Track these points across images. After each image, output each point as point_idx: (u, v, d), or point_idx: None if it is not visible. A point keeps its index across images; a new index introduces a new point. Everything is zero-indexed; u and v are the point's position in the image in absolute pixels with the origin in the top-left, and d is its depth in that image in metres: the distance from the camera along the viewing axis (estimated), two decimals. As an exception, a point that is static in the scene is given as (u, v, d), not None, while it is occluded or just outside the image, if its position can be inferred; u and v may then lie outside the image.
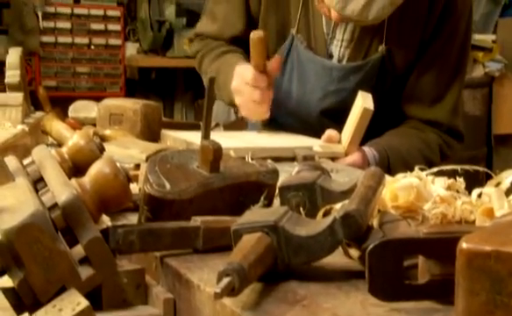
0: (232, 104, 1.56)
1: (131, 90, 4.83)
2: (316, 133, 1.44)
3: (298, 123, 1.57)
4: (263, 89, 1.44)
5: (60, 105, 1.60)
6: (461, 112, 1.58)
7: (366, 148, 1.43)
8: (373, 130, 1.42)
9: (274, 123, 1.59)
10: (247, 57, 1.57)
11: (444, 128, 1.55)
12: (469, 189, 0.84)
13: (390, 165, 1.44)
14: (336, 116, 1.48)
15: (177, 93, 5.07)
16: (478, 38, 4.11)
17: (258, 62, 1.43)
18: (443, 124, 1.54)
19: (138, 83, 4.92)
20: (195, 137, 1.34)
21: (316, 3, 1.45)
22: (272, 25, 1.55)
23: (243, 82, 1.46)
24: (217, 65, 1.59)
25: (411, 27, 1.48)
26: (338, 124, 1.42)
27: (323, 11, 1.44)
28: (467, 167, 0.86)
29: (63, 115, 1.55)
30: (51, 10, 4.54)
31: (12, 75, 1.30)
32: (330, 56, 1.54)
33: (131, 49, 4.86)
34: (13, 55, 1.33)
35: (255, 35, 1.41)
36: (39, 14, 4.46)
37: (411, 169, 0.88)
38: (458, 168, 0.86)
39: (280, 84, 1.56)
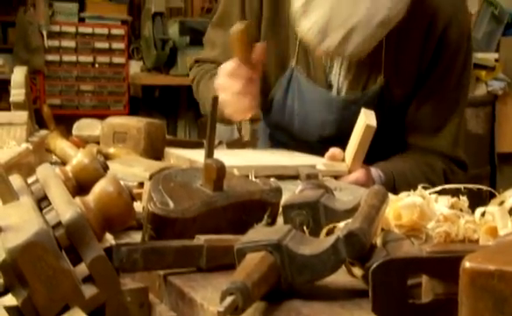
0: (225, 120, 1.53)
1: (134, 108, 4.86)
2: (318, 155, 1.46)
3: (301, 147, 1.58)
4: (245, 79, 1.41)
5: (64, 123, 1.60)
6: (463, 143, 1.57)
7: (371, 168, 1.43)
8: (374, 158, 1.42)
9: (279, 144, 1.60)
10: None
11: (447, 158, 1.55)
12: (472, 207, 0.84)
13: (396, 186, 1.44)
14: (336, 141, 1.48)
15: (180, 111, 5.09)
16: (480, 56, 4.13)
17: (240, 55, 1.40)
18: (445, 155, 1.54)
19: (141, 101, 4.94)
20: (198, 155, 1.34)
21: None
22: (271, 56, 1.55)
23: (225, 75, 1.44)
24: (211, 84, 1.58)
25: (408, 60, 1.48)
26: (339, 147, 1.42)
27: None
28: (470, 186, 0.86)
29: (67, 133, 1.55)
30: (56, 28, 4.58)
31: (17, 94, 1.30)
32: (330, 85, 1.54)
33: (135, 67, 4.89)
34: (18, 74, 1.34)
35: (235, 28, 1.38)
36: (44, 33, 4.49)
37: (414, 190, 0.88)
38: (462, 186, 0.86)
39: (283, 109, 1.57)
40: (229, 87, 1.42)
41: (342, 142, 1.43)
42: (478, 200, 0.90)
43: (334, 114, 1.54)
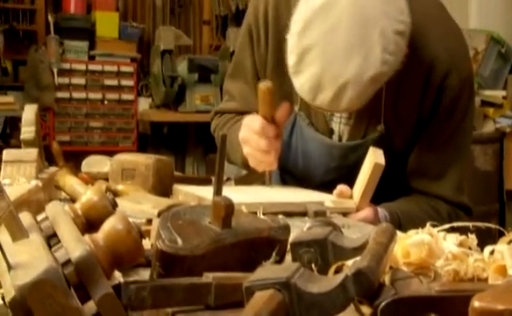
0: (245, 165, 1.56)
1: (143, 145, 4.88)
2: None
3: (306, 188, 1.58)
4: (270, 138, 1.44)
5: (73, 160, 1.61)
6: (466, 189, 1.56)
7: (377, 207, 1.43)
8: (378, 201, 1.42)
9: (287, 185, 1.62)
10: None
11: (451, 203, 1.54)
12: (481, 245, 0.84)
13: (401, 227, 1.43)
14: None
15: (189, 147, 5.11)
16: (488, 94, 4.15)
17: (266, 112, 1.44)
18: (449, 200, 1.53)
19: (150, 138, 4.97)
20: (206, 192, 1.34)
21: None
22: (278, 97, 1.57)
23: (250, 131, 1.47)
24: (230, 132, 1.61)
25: (407, 108, 1.48)
26: None
27: None
28: (479, 224, 0.86)
29: (76, 169, 1.56)
30: (66, 66, 4.64)
31: (28, 132, 1.32)
32: (332, 132, 1.56)
33: (144, 104, 4.92)
34: (29, 112, 1.35)
35: (263, 85, 1.42)
36: (55, 71, 4.55)
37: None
38: (470, 224, 0.86)
39: (288, 151, 1.59)
40: (254, 143, 1.46)
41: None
42: (487, 238, 0.89)
43: (335, 161, 1.55)
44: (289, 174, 1.63)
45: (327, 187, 1.51)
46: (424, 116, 1.49)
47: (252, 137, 1.47)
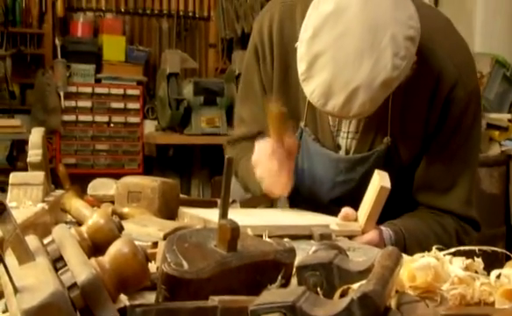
0: (262, 191, 1.54)
1: (148, 167, 4.89)
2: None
3: (311, 208, 1.58)
4: (281, 160, 1.44)
5: (79, 182, 1.62)
6: (475, 202, 1.55)
7: (382, 227, 1.42)
8: (385, 217, 1.41)
9: (292, 205, 1.61)
10: None
11: (459, 217, 1.53)
12: (488, 269, 0.84)
13: (406, 246, 1.42)
14: (345, 203, 1.47)
15: (194, 169, 5.12)
16: (493, 116, 4.14)
17: (276, 135, 1.44)
18: (457, 214, 1.52)
19: (155, 160, 4.98)
20: (212, 215, 1.34)
21: None
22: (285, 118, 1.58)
23: (261, 154, 1.48)
24: (249, 164, 1.58)
25: (414, 120, 1.49)
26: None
27: None
28: (485, 247, 0.85)
29: (82, 192, 1.57)
30: (73, 89, 4.67)
31: (34, 155, 1.32)
32: (339, 147, 1.56)
33: (150, 127, 4.94)
34: (36, 135, 1.36)
35: (273, 109, 1.43)
36: (61, 94, 4.58)
37: (427, 251, 0.87)
38: (476, 248, 0.86)
39: (293, 172, 1.57)
40: (265, 165, 1.47)
41: (351, 204, 1.43)
42: (493, 261, 0.89)
43: (342, 175, 1.54)
44: (295, 191, 1.62)
45: (334, 204, 1.50)
46: (431, 129, 1.48)
47: (263, 159, 1.47)
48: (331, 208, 1.51)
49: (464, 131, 1.49)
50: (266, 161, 1.46)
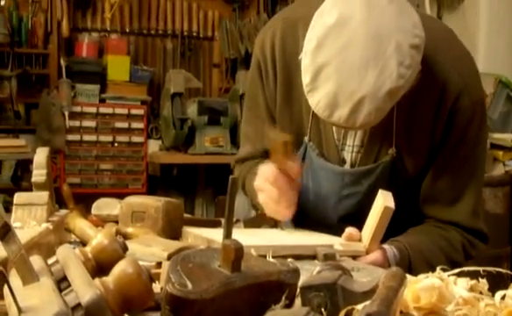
0: (267, 219, 1.59)
1: (152, 186, 4.89)
2: (336, 236, 1.45)
3: (317, 227, 1.57)
4: (282, 188, 1.44)
5: (83, 202, 1.62)
6: (482, 214, 1.54)
7: (386, 246, 1.42)
8: (390, 230, 1.41)
9: (297, 226, 1.60)
10: None
11: (466, 230, 1.52)
12: (492, 290, 0.83)
13: (411, 264, 1.42)
14: (352, 219, 1.47)
15: (198, 189, 5.11)
16: (497, 136, 4.14)
17: (278, 163, 1.44)
18: (464, 226, 1.51)
19: (159, 179, 4.98)
20: (216, 234, 1.34)
21: None
22: (288, 130, 1.56)
23: (264, 180, 1.48)
24: (250, 177, 1.60)
25: (419, 131, 1.48)
26: (356, 225, 1.41)
27: None
28: (490, 268, 0.85)
29: (86, 211, 1.57)
30: (77, 109, 4.69)
31: (39, 175, 1.32)
32: (344, 161, 1.55)
33: (154, 146, 4.95)
34: (40, 155, 1.37)
35: (276, 136, 1.43)
36: (66, 114, 4.60)
37: (433, 268, 0.87)
38: (481, 269, 0.85)
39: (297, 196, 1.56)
40: (267, 191, 1.48)
41: (357, 218, 1.42)
42: (498, 282, 0.89)
43: (347, 188, 1.53)
44: (300, 208, 1.59)
45: (340, 219, 1.50)
46: (437, 139, 1.48)
47: (265, 186, 1.48)
48: (338, 224, 1.50)
49: (470, 141, 1.48)
50: (267, 188, 1.47)
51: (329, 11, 1.34)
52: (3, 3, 4.74)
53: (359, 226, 1.41)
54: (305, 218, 1.61)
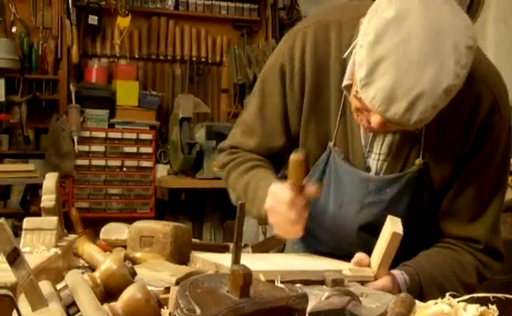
0: (261, 219, 1.53)
1: (160, 211, 4.90)
2: (353, 247, 1.43)
3: (334, 238, 1.55)
4: (300, 209, 1.42)
5: (92, 226, 1.63)
6: (500, 231, 1.53)
7: (396, 272, 1.40)
8: (406, 247, 1.39)
9: (310, 237, 1.57)
10: (275, 170, 1.60)
11: (482, 246, 1.50)
12: (502, 316, 0.83)
13: (423, 289, 1.40)
14: (371, 230, 1.45)
15: (206, 213, 5.12)
16: (506, 160, 4.11)
17: (296, 183, 1.42)
18: (480, 241, 1.50)
19: (167, 204, 4.99)
20: (224, 259, 1.34)
21: (354, 116, 1.44)
22: (313, 136, 1.55)
23: (278, 201, 1.44)
24: (247, 179, 1.59)
25: (448, 143, 1.47)
26: (375, 237, 1.40)
27: (362, 124, 1.42)
28: (500, 295, 0.85)
29: (94, 236, 1.57)
30: (86, 134, 4.72)
31: (48, 200, 1.33)
32: (368, 169, 1.52)
33: (162, 171, 4.97)
34: (50, 180, 1.37)
35: (294, 157, 1.40)
36: (75, 138, 4.63)
37: (445, 293, 0.86)
38: (491, 295, 0.85)
39: (316, 199, 1.52)
40: (283, 214, 1.43)
41: (376, 232, 1.40)
42: (508, 308, 0.88)
43: (371, 196, 1.51)
44: (317, 219, 1.55)
45: (361, 229, 1.48)
46: (465, 153, 1.46)
47: (280, 207, 1.43)
48: (357, 234, 1.48)
49: (497, 156, 1.47)
50: (283, 210, 1.43)
51: (385, 7, 1.31)
52: (14, 29, 4.80)
53: (377, 237, 1.39)
54: (323, 226, 1.57)
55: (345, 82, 1.44)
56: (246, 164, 1.63)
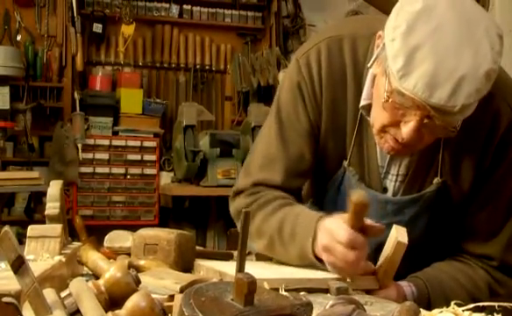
0: (304, 258, 1.43)
1: (164, 218, 4.90)
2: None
3: None
4: (360, 250, 1.33)
5: (96, 234, 1.63)
6: None
7: (403, 283, 1.39)
8: (425, 264, 1.38)
9: None
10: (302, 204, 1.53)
11: (496, 263, 1.48)
12: (508, 325, 0.82)
13: (431, 301, 1.39)
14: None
15: (210, 221, 5.12)
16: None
17: (355, 224, 1.34)
18: (494, 258, 1.48)
19: (171, 211, 4.99)
20: (228, 267, 1.34)
21: (376, 139, 1.40)
22: (330, 153, 1.52)
23: (334, 240, 1.35)
24: (280, 216, 1.49)
25: (465, 162, 1.45)
26: None
27: (385, 146, 1.38)
28: (505, 304, 0.84)
29: (98, 244, 1.57)
30: (90, 142, 4.73)
31: (52, 207, 1.33)
32: (385, 190, 1.50)
33: (166, 178, 4.97)
34: (54, 188, 1.38)
35: (358, 199, 1.32)
36: (79, 146, 4.64)
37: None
38: (496, 304, 0.84)
39: (333, 209, 1.47)
40: (341, 254, 1.34)
41: None
42: (513, 317, 0.87)
43: (389, 217, 1.47)
44: None
45: (375, 250, 1.41)
46: (483, 170, 1.44)
47: (337, 247, 1.34)
48: (373, 255, 1.42)
49: None
50: (340, 250, 1.33)
51: (411, 2, 1.30)
52: (19, 37, 4.82)
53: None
54: None
55: (363, 103, 1.43)
56: (274, 203, 1.52)
